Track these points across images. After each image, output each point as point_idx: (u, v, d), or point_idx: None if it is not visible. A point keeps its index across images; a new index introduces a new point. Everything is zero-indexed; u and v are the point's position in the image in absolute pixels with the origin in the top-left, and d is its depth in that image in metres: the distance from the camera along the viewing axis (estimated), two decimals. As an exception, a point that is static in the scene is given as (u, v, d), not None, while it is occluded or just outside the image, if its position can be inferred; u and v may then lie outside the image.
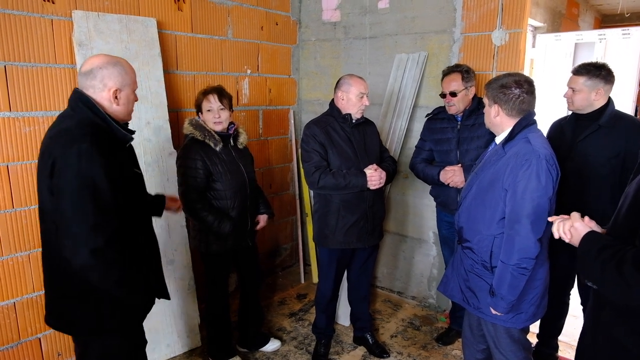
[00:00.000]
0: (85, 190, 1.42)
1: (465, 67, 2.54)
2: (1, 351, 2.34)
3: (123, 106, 1.62)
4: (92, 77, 1.55)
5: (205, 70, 3.15)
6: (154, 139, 2.72)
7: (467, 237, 1.91)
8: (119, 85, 1.58)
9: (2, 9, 2.18)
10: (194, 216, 2.35)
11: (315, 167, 2.39)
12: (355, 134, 2.47)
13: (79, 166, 1.42)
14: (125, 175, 1.61)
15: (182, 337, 2.80)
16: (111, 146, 1.54)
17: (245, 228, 2.50)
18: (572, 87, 2.28)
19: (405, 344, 2.96)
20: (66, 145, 1.44)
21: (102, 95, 1.57)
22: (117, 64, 1.58)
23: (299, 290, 3.73)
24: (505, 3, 2.78)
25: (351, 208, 2.46)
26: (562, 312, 2.58)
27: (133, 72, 1.65)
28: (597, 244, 1.30)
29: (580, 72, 2.25)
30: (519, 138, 1.76)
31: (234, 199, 2.40)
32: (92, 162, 1.43)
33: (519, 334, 1.89)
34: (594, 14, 5.84)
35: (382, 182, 2.41)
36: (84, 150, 1.42)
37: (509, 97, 1.76)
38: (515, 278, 1.71)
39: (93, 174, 1.43)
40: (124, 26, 2.60)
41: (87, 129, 1.48)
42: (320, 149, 2.41)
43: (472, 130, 2.51)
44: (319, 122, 2.48)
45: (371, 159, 2.48)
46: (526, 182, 1.67)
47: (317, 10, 3.70)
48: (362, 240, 2.53)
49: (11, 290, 2.34)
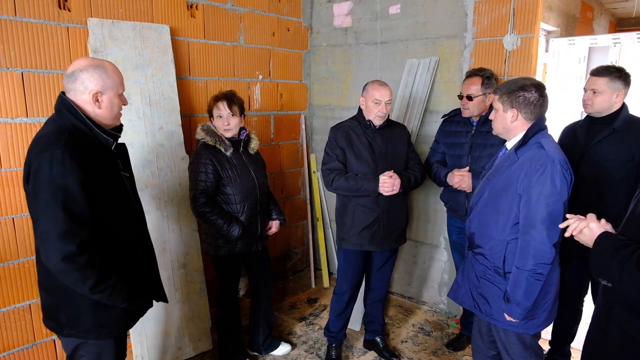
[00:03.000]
0: (56, 197, 1.41)
1: (488, 72, 2.53)
2: (17, 352, 2.39)
3: (106, 109, 1.58)
4: (74, 79, 1.53)
5: (218, 76, 3.19)
6: (167, 144, 2.76)
7: (478, 243, 1.90)
8: (100, 88, 1.55)
9: (20, 17, 2.24)
10: (203, 220, 2.38)
11: (330, 170, 2.48)
12: (377, 138, 2.49)
13: (50, 173, 1.41)
14: (109, 179, 1.60)
15: (194, 340, 2.82)
16: (93, 151, 1.53)
17: (255, 232, 2.52)
18: (594, 88, 2.22)
19: (416, 349, 2.95)
20: (40, 151, 1.44)
21: (83, 98, 1.54)
22: (99, 66, 1.56)
23: (310, 294, 3.73)
24: (517, 8, 2.77)
25: (365, 211, 2.49)
26: (575, 319, 2.54)
27: (117, 76, 1.61)
28: (613, 244, 1.32)
29: (601, 74, 2.21)
30: (532, 143, 1.75)
31: (244, 204, 2.43)
32: (64, 168, 1.41)
33: (530, 339, 1.87)
34: (608, 18, 5.76)
35: (395, 190, 2.40)
36: (56, 157, 1.41)
37: (528, 100, 1.75)
38: (531, 284, 1.70)
39: (65, 180, 1.42)
40: (138, 33, 2.65)
41: (65, 134, 1.47)
42: (339, 153, 2.49)
43: (487, 137, 2.49)
44: (341, 126, 2.56)
45: (393, 165, 2.49)
46: (541, 187, 1.66)
47: (328, 16, 3.72)
48: (375, 244, 2.54)
49: (26, 293, 2.38)
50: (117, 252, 1.60)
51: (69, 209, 1.42)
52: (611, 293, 1.40)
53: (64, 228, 1.41)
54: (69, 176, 1.42)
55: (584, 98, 2.29)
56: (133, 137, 2.62)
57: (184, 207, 2.79)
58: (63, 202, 1.41)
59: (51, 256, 1.43)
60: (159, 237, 2.69)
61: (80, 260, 1.44)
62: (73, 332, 1.60)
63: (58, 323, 1.61)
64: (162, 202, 2.72)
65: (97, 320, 1.59)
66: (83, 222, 1.46)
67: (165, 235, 2.72)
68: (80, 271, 1.45)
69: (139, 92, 2.65)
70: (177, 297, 2.76)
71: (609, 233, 1.37)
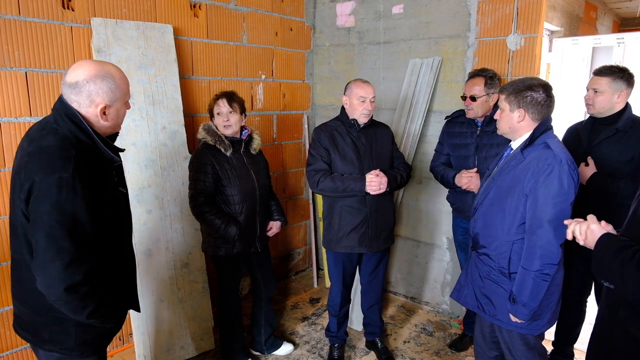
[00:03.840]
0: (63, 224, 1.29)
1: (491, 72, 2.52)
2: (18, 352, 2.39)
3: (112, 121, 1.47)
4: (78, 91, 1.38)
5: (221, 76, 3.19)
6: (170, 144, 2.76)
7: (483, 244, 1.89)
8: (108, 102, 1.41)
9: (24, 17, 2.25)
10: (201, 219, 2.38)
11: (315, 170, 2.45)
12: (362, 138, 2.48)
13: (58, 198, 1.28)
14: (110, 198, 1.48)
15: (196, 340, 2.82)
16: (96, 168, 1.41)
17: (254, 234, 2.52)
18: (595, 88, 2.22)
19: (418, 349, 2.94)
20: (47, 171, 1.29)
21: (89, 111, 1.40)
22: (107, 76, 1.40)
23: (312, 294, 3.73)
24: (521, 7, 2.76)
25: (352, 212, 2.47)
26: (578, 319, 2.53)
27: (125, 83, 1.48)
28: (614, 245, 1.31)
29: (603, 73, 2.20)
30: (538, 143, 1.75)
31: (243, 204, 2.43)
32: (74, 194, 1.29)
33: (534, 340, 1.87)
34: (612, 18, 5.74)
35: (382, 188, 2.38)
36: (65, 181, 1.28)
37: (536, 100, 1.74)
38: (538, 284, 1.69)
39: (74, 207, 1.30)
40: (141, 33, 2.65)
41: (72, 151, 1.33)
42: (323, 153, 2.46)
43: (492, 137, 2.47)
44: (325, 127, 2.53)
45: (378, 164, 2.47)
46: (549, 187, 1.65)
47: (331, 15, 3.72)
48: (364, 246, 2.51)
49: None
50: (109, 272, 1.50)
51: (77, 238, 1.31)
52: (615, 295, 1.39)
53: (70, 258, 1.30)
54: (79, 203, 1.31)
55: (585, 97, 2.29)
56: (136, 137, 2.62)
57: (186, 206, 2.78)
58: (70, 229, 1.30)
59: (53, 285, 1.30)
60: (161, 236, 2.69)
61: (83, 290, 1.33)
62: (56, 349, 1.49)
63: (39, 338, 1.49)
64: (164, 201, 2.72)
65: (81, 339, 1.49)
66: (89, 251, 1.35)
67: (167, 235, 2.73)
68: (81, 300, 1.35)
69: (142, 92, 2.65)
70: (179, 296, 2.76)
71: (610, 234, 1.36)
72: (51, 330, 1.47)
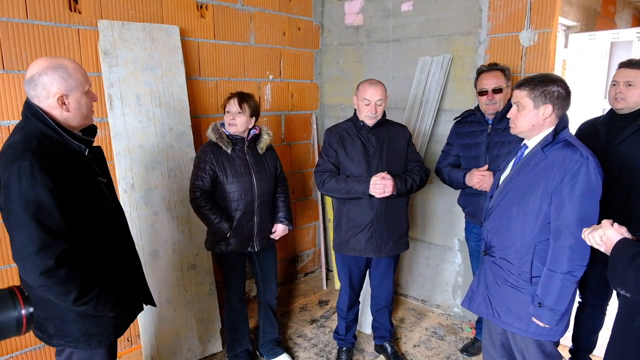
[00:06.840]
0: (28, 211, 1.34)
1: (504, 66, 2.48)
2: (24, 353, 2.41)
3: (75, 111, 1.50)
4: (34, 85, 1.44)
5: (228, 77, 3.18)
6: (177, 145, 2.76)
7: (500, 248, 1.81)
8: (64, 91, 1.45)
9: (31, 20, 2.26)
10: (198, 212, 2.42)
11: (322, 171, 2.45)
12: (372, 139, 2.43)
13: (19, 186, 1.33)
14: (85, 187, 1.52)
15: (203, 342, 2.81)
16: (65, 158, 1.46)
17: (251, 233, 2.48)
18: (628, 81, 2.07)
19: (429, 354, 2.88)
20: (7, 163, 1.36)
21: (49, 103, 1.45)
22: (59, 67, 1.45)
23: (321, 296, 3.69)
24: (534, 2, 2.68)
25: (358, 215, 2.43)
26: (596, 326, 2.44)
27: (80, 73, 1.51)
28: (629, 251, 1.26)
29: (636, 65, 2.07)
30: (558, 140, 1.68)
31: (239, 202, 2.42)
32: (33, 181, 1.34)
33: (551, 347, 1.79)
34: (632, 11, 5.57)
35: (387, 192, 2.30)
36: (24, 169, 1.33)
37: (562, 95, 1.68)
38: (566, 287, 1.62)
39: (35, 193, 1.34)
40: (148, 34, 2.65)
41: (32, 143, 1.38)
42: (332, 155, 2.45)
43: (504, 135, 2.39)
44: (335, 128, 2.52)
45: (389, 166, 2.41)
46: (576, 185, 1.59)
47: (339, 14, 3.68)
48: (372, 250, 2.45)
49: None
50: (99, 260, 1.54)
51: (43, 222, 1.36)
52: (630, 304, 1.32)
53: (40, 242, 1.35)
54: (39, 188, 1.35)
55: (616, 91, 2.13)
56: (143, 138, 2.62)
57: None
58: (36, 215, 1.35)
59: (30, 272, 1.36)
60: (168, 237, 2.69)
61: (59, 273, 1.38)
62: (62, 342, 1.55)
63: (46, 334, 1.56)
64: (171, 203, 2.72)
65: (85, 329, 1.54)
66: (59, 235, 1.39)
67: (175, 236, 2.72)
68: (61, 285, 1.39)
69: (149, 93, 2.65)
70: (186, 298, 2.75)
71: (626, 240, 1.30)
72: (54, 323, 1.53)
